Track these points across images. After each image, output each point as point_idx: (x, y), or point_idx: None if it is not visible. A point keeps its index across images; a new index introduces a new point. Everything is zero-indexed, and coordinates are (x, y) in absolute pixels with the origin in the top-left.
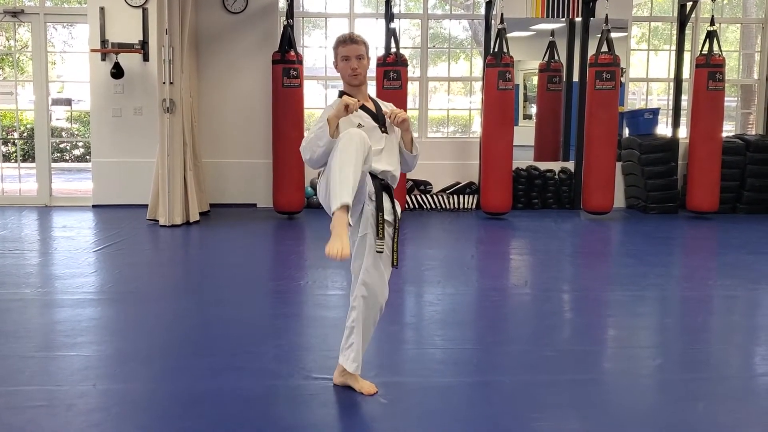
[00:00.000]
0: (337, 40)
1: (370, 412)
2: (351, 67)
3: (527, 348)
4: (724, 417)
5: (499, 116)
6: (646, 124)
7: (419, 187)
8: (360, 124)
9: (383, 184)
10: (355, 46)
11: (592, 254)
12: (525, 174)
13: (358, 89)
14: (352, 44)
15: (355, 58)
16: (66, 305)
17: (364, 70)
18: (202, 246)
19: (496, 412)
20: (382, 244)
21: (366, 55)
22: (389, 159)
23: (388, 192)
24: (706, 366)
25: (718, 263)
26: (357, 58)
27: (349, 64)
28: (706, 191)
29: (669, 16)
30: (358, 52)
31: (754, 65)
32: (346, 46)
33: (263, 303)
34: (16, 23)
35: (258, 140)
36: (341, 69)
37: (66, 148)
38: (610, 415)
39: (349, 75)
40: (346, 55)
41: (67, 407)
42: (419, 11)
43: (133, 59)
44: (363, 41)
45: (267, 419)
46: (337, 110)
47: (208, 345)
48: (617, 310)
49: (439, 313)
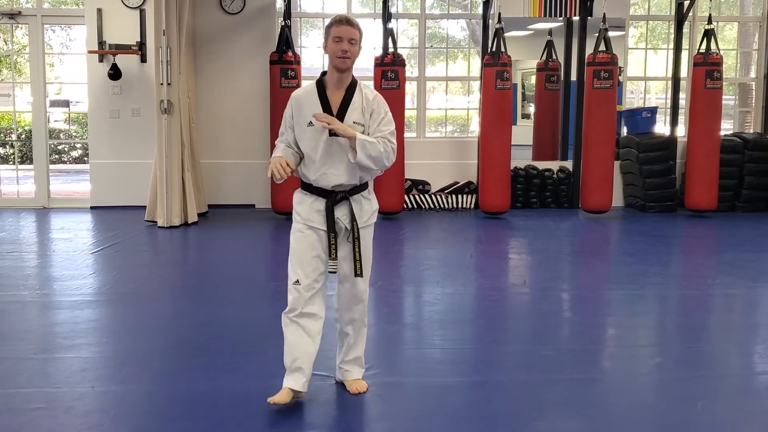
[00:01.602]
0: (332, 19)
1: (369, 411)
2: (342, 48)
3: (526, 347)
4: (723, 415)
5: (497, 116)
6: (644, 123)
7: (418, 187)
8: (311, 122)
9: (337, 198)
10: (350, 28)
11: (590, 253)
12: (523, 173)
13: (340, 77)
14: (348, 26)
15: (347, 40)
16: (64, 307)
17: (354, 56)
18: (201, 247)
19: (495, 411)
20: (334, 264)
21: (359, 42)
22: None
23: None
24: (705, 364)
25: (716, 261)
26: (349, 42)
27: (340, 45)
28: (705, 189)
29: (666, 14)
30: (351, 35)
31: (751, 63)
32: (341, 26)
33: (262, 303)
34: (14, 25)
35: (256, 141)
36: (330, 50)
37: (64, 150)
38: (609, 413)
39: (338, 57)
40: (338, 36)
41: (65, 409)
42: (417, 11)
43: (131, 60)
44: (358, 27)
45: (266, 420)
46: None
47: (206, 346)
48: (616, 308)
49: (437, 313)
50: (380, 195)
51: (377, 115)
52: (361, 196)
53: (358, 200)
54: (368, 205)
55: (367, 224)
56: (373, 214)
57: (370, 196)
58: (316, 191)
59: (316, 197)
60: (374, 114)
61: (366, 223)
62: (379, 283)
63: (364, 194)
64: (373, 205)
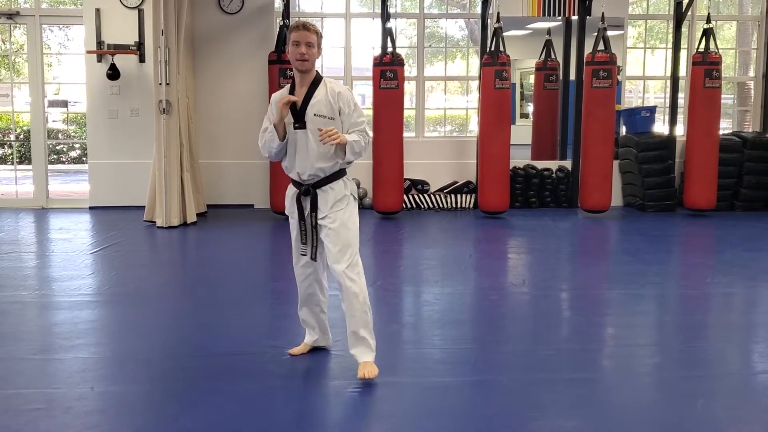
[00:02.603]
0: (291, 25)
1: (369, 411)
2: (299, 51)
3: (525, 347)
4: (722, 414)
5: (496, 115)
6: (643, 122)
7: (417, 187)
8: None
9: (302, 189)
10: (306, 32)
11: (589, 253)
12: (522, 173)
13: (305, 75)
14: (304, 30)
15: (304, 44)
16: (64, 307)
17: (313, 58)
18: (200, 247)
19: (494, 411)
20: (304, 248)
21: (316, 45)
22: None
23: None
24: (705, 363)
25: (715, 260)
26: (307, 45)
27: (298, 49)
28: (704, 189)
29: (665, 14)
30: (308, 39)
31: (750, 62)
32: (298, 31)
33: (261, 303)
34: (12, 25)
35: (255, 141)
36: (291, 53)
37: (62, 150)
38: (609, 413)
39: (297, 59)
40: (296, 40)
41: (65, 409)
42: (415, 10)
43: (129, 60)
44: (316, 30)
45: (266, 420)
46: (278, 117)
47: (206, 346)
48: (615, 308)
49: (437, 313)
50: (379, 195)
51: (347, 108)
52: (330, 187)
53: (325, 190)
54: (333, 193)
55: (337, 209)
56: (342, 199)
57: (337, 185)
58: (294, 183)
59: (294, 189)
60: (344, 108)
61: (335, 209)
62: (379, 282)
63: (332, 185)
64: (340, 192)
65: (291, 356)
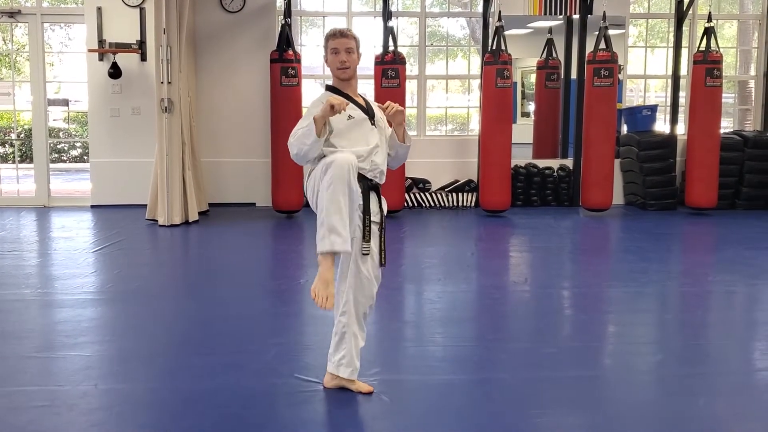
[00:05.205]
0: (327, 33)
1: (370, 409)
2: (340, 59)
3: (527, 345)
4: (724, 412)
5: (498, 114)
6: (644, 121)
7: (418, 185)
8: (350, 116)
9: (371, 184)
10: (345, 39)
11: (591, 251)
12: (524, 171)
13: (348, 83)
14: (342, 38)
15: (344, 51)
16: (66, 305)
17: (354, 64)
18: (202, 245)
19: (496, 409)
20: (368, 246)
21: (356, 50)
22: (381, 156)
23: (376, 191)
24: (706, 361)
25: (716, 259)
26: (346, 51)
27: (338, 57)
28: (705, 187)
29: (666, 12)
30: (347, 45)
31: (751, 61)
32: (336, 39)
33: (263, 302)
34: (13, 24)
35: (256, 139)
36: (330, 62)
37: (64, 149)
38: (611, 410)
39: (338, 68)
40: (335, 48)
41: (68, 407)
42: (417, 9)
43: (131, 59)
44: (353, 36)
45: (268, 418)
46: (323, 111)
47: (208, 344)
48: (617, 306)
49: (439, 311)
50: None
51: (383, 122)
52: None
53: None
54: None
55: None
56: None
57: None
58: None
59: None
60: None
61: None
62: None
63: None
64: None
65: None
